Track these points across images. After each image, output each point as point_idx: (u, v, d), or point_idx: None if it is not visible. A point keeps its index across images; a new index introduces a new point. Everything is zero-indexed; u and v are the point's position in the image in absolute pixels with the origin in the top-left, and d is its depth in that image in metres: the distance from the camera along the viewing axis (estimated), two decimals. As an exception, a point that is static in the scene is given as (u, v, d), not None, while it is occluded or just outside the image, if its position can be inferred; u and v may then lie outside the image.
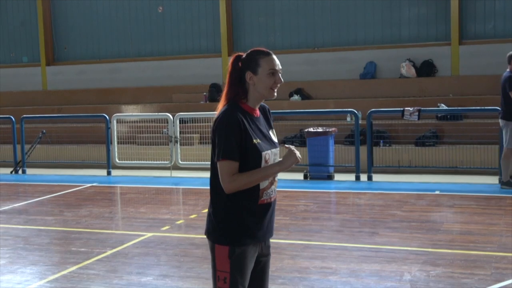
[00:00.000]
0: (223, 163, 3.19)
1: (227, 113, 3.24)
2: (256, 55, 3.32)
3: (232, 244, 3.25)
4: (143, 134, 14.22)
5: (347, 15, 15.96)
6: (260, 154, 3.23)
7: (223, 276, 3.26)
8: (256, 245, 3.33)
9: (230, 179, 3.18)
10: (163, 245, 7.18)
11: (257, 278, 3.42)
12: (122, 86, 17.88)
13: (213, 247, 3.31)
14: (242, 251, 3.26)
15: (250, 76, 3.29)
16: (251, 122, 3.28)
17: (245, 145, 3.21)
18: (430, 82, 14.88)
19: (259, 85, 3.29)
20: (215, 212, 3.32)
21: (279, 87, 3.36)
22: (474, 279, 5.60)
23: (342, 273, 5.93)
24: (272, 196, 3.35)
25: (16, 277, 6.12)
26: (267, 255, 3.45)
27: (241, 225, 3.26)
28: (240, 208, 3.26)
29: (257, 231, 3.30)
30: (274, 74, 3.31)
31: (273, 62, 3.32)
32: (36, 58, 19.15)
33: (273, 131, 3.46)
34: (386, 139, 12.80)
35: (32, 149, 14.21)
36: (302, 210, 8.96)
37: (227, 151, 3.18)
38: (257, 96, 3.33)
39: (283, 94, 15.67)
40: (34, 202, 10.31)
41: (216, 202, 3.31)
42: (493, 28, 14.91)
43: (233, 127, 3.19)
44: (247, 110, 3.31)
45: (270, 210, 3.35)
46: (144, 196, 10.69)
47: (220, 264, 3.27)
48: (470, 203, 9.20)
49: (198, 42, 17.46)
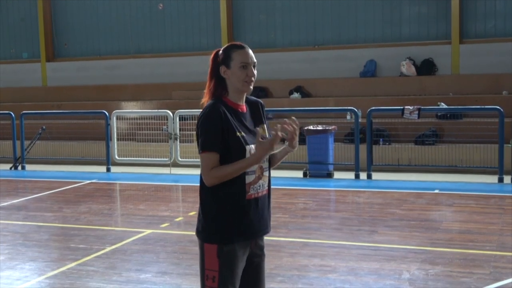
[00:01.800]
0: (203, 155, 3.20)
1: (210, 107, 3.25)
2: (230, 49, 3.32)
3: (220, 242, 3.23)
4: (142, 131, 14.21)
5: (348, 13, 15.94)
6: (244, 148, 3.22)
7: (211, 275, 3.23)
8: (246, 243, 3.29)
9: (209, 171, 3.18)
10: (162, 242, 7.18)
11: (252, 279, 3.37)
12: (122, 83, 17.86)
13: (202, 246, 3.29)
14: (230, 249, 3.23)
15: (224, 70, 3.31)
16: (234, 116, 3.27)
17: (228, 138, 3.19)
18: (430, 80, 14.87)
19: (233, 79, 3.29)
20: (204, 210, 3.30)
21: (254, 81, 3.31)
22: (473, 278, 5.61)
23: (341, 271, 5.93)
24: (260, 191, 3.31)
25: (15, 273, 6.13)
26: (260, 255, 3.39)
27: (229, 223, 3.24)
28: (227, 205, 3.23)
29: (246, 228, 3.27)
30: (246, 67, 3.27)
31: (245, 55, 3.28)
32: (36, 54, 19.12)
33: (263, 126, 3.41)
34: (385, 137, 12.80)
35: (31, 145, 14.20)
36: (301, 208, 8.96)
37: (207, 143, 3.19)
38: (235, 90, 3.32)
39: (283, 92, 15.67)
40: (33, 198, 10.30)
41: (204, 200, 3.30)
42: (493, 27, 14.90)
43: (214, 119, 3.19)
44: (230, 105, 3.30)
45: (259, 206, 3.31)
46: (143, 193, 10.69)
47: (209, 263, 3.24)
48: (469, 202, 9.21)
49: (198, 40, 17.44)
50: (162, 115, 13.48)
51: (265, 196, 3.35)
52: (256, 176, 3.28)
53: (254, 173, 3.27)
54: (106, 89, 17.86)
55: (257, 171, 3.28)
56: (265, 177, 3.34)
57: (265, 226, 3.37)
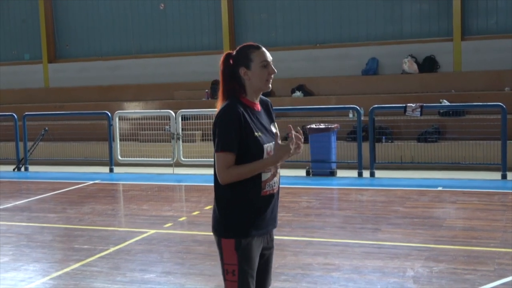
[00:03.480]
0: (220, 154, 3.26)
1: (228, 107, 3.30)
2: (247, 50, 3.37)
3: (237, 236, 3.30)
4: (145, 131, 14.22)
5: (349, 11, 15.94)
6: (262, 147, 3.29)
7: (231, 269, 3.31)
8: (261, 236, 3.38)
9: (225, 171, 3.24)
10: (166, 242, 7.19)
11: (260, 271, 3.45)
12: (124, 83, 17.87)
13: (219, 242, 3.36)
14: (248, 243, 3.31)
15: (244, 71, 3.35)
16: (252, 115, 3.33)
17: (246, 138, 3.26)
18: (432, 78, 14.86)
19: (254, 79, 3.35)
20: (219, 207, 3.37)
21: (273, 78, 3.40)
22: (477, 275, 5.60)
23: (345, 269, 5.93)
24: (274, 188, 3.41)
25: (19, 274, 6.14)
26: (271, 248, 3.50)
27: (245, 217, 3.32)
28: (243, 201, 3.31)
29: (261, 222, 3.36)
30: (267, 66, 3.35)
31: (264, 54, 3.36)
32: (38, 55, 19.14)
33: (274, 124, 3.49)
34: (388, 135, 12.80)
35: (34, 147, 14.22)
36: (304, 206, 8.96)
37: (224, 143, 3.24)
38: (254, 90, 3.38)
39: (285, 91, 15.66)
40: (36, 199, 10.32)
41: (220, 196, 3.37)
42: (495, 24, 14.88)
43: (233, 120, 3.24)
44: (248, 104, 3.36)
45: (273, 201, 3.41)
46: (146, 193, 10.70)
47: (228, 257, 3.32)
48: (473, 199, 9.20)
49: (200, 39, 17.45)
50: (164, 115, 13.49)
51: (278, 192, 3.47)
52: (272, 173, 3.37)
53: (270, 171, 3.35)
54: (108, 90, 17.88)
55: (272, 168, 3.37)
56: (278, 174, 3.45)
57: (276, 219, 3.50)
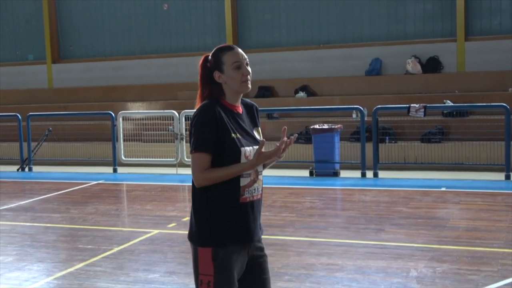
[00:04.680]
0: (195, 155, 3.13)
1: (204, 107, 3.18)
2: (219, 53, 3.23)
3: (214, 245, 3.14)
4: (148, 131, 14.23)
5: (352, 12, 15.93)
6: (239, 149, 3.13)
7: (206, 280, 3.14)
8: (242, 246, 3.20)
9: (200, 172, 3.11)
10: (169, 242, 7.20)
11: (256, 282, 3.29)
12: (128, 83, 17.90)
13: (195, 250, 3.21)
14: (226, 253, 3.14)
15: (218, 75, 3.22)
16: (231, 117, 3.20)
17: (223, 139, 3.12)
18: (436, 78, 14.85)
19: (230, 82, 3.21)
20: (196, 213, 3.21)
21: (250, 79, 3.23)
22: (481, 275, 5.60)
23: (348, 269, 5.93)
24: (255, 195, 3.22)
25: (23, 274, 6.15)
26: (262, 256, 3.31)
27: (223, 226, 3.15)
28: (221, 208, 3.15)
29: (241, 232, 3.18)
30: (240, 67, 3.19)
31: (235, 55, 3.20)
32: (42, 56, 19.18)
33: (258, 129, 3.35)
34: (392, 135, 12.79)
35: (38, 147, 14.25)
36: (308, 207, 8.96)
37: (198, 143, 3.12)
38: (232, 93, 3.24)
39: (289, 91, 15.66)
40: (40, 199, 10.34)
41: (197, 202, 3.21)
42: (499, 24, 14.86)
43: (208, 120, 3.12)
44: (228, 106, 3.23)
45: (254, 209, 3.22)
46: (150, 193, 10.71)
47: (203, 268, 3.15)
48: (476, 199, 9.19)
49: (203, 39, 17.46)
50: (168, 115, 13.49)
51: (260, 200, 3.29)
52: (251, 179, 3.19)
53: (249, 176, 3.18)
54: (112, 90, 17.91)
55: (252, 174, 3.20)
56: (260, 180, 3.27)
57: (258, 229, 3.30)
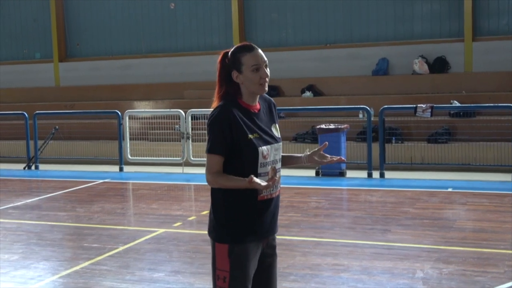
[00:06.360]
0: (208, 156, 3.19)
1: (220, 108, 3.21)
2: (238, 53, 3.24)
3: (231, 242, 3.20)
4: (155, 130, 14.25)
5: (359, 11, 15.90)
6: (256, 149, 3.17)
7: (222, 275, 3.20)
8: (257, 243, 3.26)
9: (211, 173, 3.18)
10: (175, 241, 7.20)
11: (263, 280, 3.34)
12: (134, 82, 17.92)
13: (213, 246, 3.26)
14: (242, 250, 3.19)
15: (236, 75, 3.25)
16: (247, 117, 3.22)
17: (238, 141, 3.15)
18: (443, 78, 14.80)
19: (247, 83, 3.23)
20: (215, 210, 3.27)
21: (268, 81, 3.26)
22: (487, 277, 5.57)
23: (354, 270, 5.91)
24: (273, 193, 3.26)
25: (29, 272, 6.16)
26: (272, 255, 3.37)
27: (240, 223, 3.21)
28: (239, 205, 3.20)
29: (257, 229, 3.24)
30: (259, 70, 3.21)
31: (255, 57, 3.21)
32: (49, 54, 19.22)
33: (275, 125, 3.38)
34: (398, 136, 12.75)
35: (45, 145, 14.27)
36: (313, 207, 8.94)
37: (212, 146, 3.17)
38: (249, 93, 3.27)
39: (295, 91, 15.65)
40: (46, 197, 10.36)
41: (216, 199, 3.27)
42: (506, 25, 14.80)
43: (222, 122, 3.15)
44: (244, 106, 3.25)
45: (271, 207, 3.28)
46: (156, 192, 10.72)
47: (220, 263, 3.21)
48: (483, 200, 9.15)
49: (210, 39, 17.46)
50: (174, 114, 13.49)
51: (277, 197, 3.33)
52: (269, 177, 3.22)
53: (267, 175, 3.22)
54: (118, 89, 17.93)
55: (270, 172, 3.24)
56: (278, 178, 3.31)
57: (275, 226, 3.36)
